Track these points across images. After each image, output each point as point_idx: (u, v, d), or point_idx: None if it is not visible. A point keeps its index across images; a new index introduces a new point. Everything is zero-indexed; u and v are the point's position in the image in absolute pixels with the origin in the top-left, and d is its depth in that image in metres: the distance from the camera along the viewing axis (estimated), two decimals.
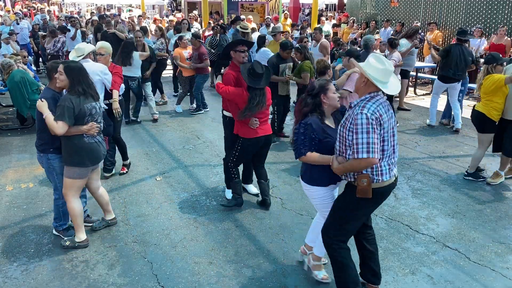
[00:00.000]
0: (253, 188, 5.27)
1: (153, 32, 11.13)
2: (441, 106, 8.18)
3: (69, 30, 11.41)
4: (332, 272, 3.27)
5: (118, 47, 7.48)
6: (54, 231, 4.27)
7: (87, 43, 12.00)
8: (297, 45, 7.10)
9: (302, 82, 6.62)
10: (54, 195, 4.10)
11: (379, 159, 2.87)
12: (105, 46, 5.34)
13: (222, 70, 7.81)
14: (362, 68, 2.91)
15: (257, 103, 4.46)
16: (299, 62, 6.84)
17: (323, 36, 9.30)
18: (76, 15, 16.52)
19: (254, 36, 11.04)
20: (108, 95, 5.33)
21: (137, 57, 7.57)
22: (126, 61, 7.44)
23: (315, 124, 3.14)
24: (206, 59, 8.52)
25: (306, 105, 3.23)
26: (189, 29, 10.46)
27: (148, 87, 8.35)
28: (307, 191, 3.40)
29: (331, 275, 3.44)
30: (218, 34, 10.42)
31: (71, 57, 4.92)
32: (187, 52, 8.60)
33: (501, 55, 5.64)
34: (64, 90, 3.87)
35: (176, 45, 9.01)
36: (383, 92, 2.94)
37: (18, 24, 13.41)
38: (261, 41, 8.52)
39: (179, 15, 16.56)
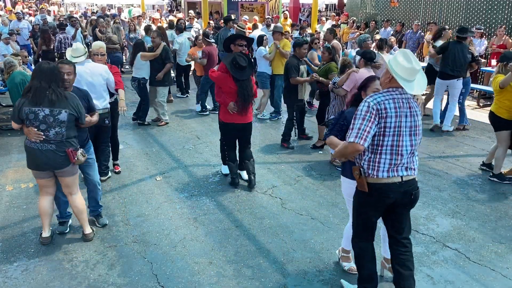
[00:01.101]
0: (245, 174, 5.50)
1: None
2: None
3: (66, 25, 11.41)
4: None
5: None
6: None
7: (87, 43, 12.06)
8: (327, 44, 6.96)
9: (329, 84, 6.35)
10: None
11: (378, 153, 2.93)
12: (104, 46, 5.32)
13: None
14: (389, 65, 2.93)
15: (246, 93, 4.99)
16: (324, 63, 6.65)
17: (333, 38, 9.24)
18: (76, 15, 16.51)
19: (255, 34, 11.07)
20: (111, 94, 5.30)
21: (139, 58, 7.53)
22: (131, 61, 7.71)
23: (349, 114, 3.22)
24: (205, 57, 8.50)
25: (351, 97, 3.49)
26: (184, 29, 10.43)
27: (162, 92, 7.91)
28: (342, 181, 3.55)
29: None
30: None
31: (68, 56, 4.90)
32: (200, 52, 8.61)
33: None
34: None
35: (194, 44, 9.00)
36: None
37: (18, 31, 13.27)
38: (260, 40, 8.51)
39: (180, 15, 16.52)
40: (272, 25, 12.66)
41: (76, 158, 3.86)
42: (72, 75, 3.98)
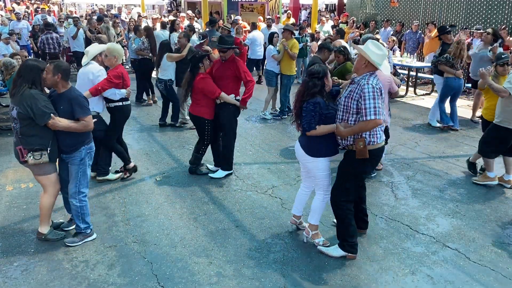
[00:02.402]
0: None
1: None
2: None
3: (50, 27, 11.53)
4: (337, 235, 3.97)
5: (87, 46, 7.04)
6: None
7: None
8: (338, 47, 6.93)
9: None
10: None
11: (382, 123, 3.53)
12: (110, 47, 5.26)
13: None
14: (365, 53, 3.55)
15: (184, 84, 5.54)
16: (337, 64, 6.55)
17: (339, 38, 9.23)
18: (76, 15, 16.49)
19: (256, 34, 11.10)
20: (107, 99, 5.17)
21: (165, 59, 7.48)
22: (158, 62, 7.62)
23: (322, 102, 3.71)
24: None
25: (315, 86, 3.72)
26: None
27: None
28: (310, 163, 3.89)
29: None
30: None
31: (83, 61, 5.07)
32: None
33: (505, 55, 5.63)
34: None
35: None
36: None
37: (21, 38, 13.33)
38: (271, 38, 8.55)
39: (183, 14, 16.49)
40: (273, 25, 12.70)
41: (25, 158, 3.84)
42: (49, 75, 3.81)
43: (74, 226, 4.34)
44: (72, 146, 3.95)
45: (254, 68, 11.64)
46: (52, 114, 3.75)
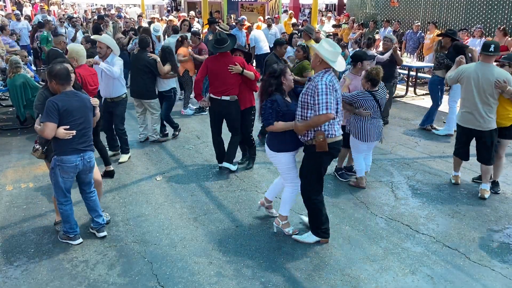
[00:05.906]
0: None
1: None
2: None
3: (42, 26, 11.73)
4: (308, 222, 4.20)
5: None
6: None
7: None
8: (301, 42, 6.92)
9: (304, 82, 6.39)
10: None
11: (334, 117, 3.70)
12: (69, 49, 5.15)
13: None
14: (318, 51, 3.71)
15: None
16: (297, 61, 6.66)
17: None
18: (75, 15, 16.49)
19: (255, 33, 11.16)
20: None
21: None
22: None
23: (280, 100, 3.89)
24: (206, 53, 8.49)
25: (271, 86, 3.93)
26: (189, 30, 10.38)
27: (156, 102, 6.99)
28: (273, 158, 4.10)
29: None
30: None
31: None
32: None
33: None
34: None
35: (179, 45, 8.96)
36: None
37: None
38: (290, 38, 8.59)
39: (183, 14, 16.49)
40: (273, 26, 12.70)
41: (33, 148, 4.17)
42: (48, 81, 3.91)
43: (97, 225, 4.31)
44: (52, 151, 4.00)
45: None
46: (40, 115, 3.80)
